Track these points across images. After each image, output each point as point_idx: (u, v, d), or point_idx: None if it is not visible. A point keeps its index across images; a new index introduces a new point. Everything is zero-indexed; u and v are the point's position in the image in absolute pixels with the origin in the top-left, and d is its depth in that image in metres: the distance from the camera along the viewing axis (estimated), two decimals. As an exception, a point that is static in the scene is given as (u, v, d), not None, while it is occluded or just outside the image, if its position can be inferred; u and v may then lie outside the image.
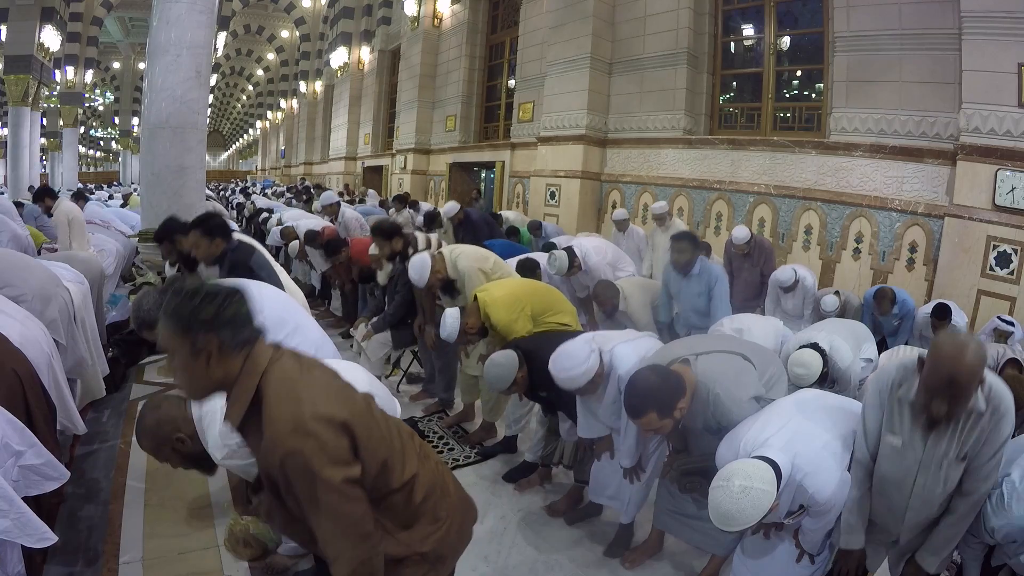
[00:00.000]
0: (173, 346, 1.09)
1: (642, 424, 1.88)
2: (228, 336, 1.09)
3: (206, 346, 1.08)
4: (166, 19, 4.88)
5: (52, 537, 1.71)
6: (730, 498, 1.54)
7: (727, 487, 1.56)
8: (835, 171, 5.70)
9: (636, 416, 1.87)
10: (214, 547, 2.29)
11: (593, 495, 2.59)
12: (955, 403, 1.48)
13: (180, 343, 1.08)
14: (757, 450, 1.66)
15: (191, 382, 1.12)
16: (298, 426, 1.05)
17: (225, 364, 1.10)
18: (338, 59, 17.39)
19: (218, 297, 1.10)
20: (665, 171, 7.38)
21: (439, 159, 12.14)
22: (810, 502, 1.66)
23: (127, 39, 22.79)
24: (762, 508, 1.52)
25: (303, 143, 22.73)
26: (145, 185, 5.34)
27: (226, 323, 1.10)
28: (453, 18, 12.03)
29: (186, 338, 1.08)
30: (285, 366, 1.13)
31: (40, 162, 15.84)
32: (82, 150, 28.26)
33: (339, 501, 1.07)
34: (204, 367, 1.09)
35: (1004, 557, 1.69)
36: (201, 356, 1.08)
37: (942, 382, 1.46)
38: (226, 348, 1.09)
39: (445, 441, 3.43)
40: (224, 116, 41.86)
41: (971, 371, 1.44)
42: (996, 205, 4.52)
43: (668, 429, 1.94)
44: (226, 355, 1.10)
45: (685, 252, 3.72)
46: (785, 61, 6.65)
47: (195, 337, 1.07)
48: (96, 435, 3.19)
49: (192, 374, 1.10)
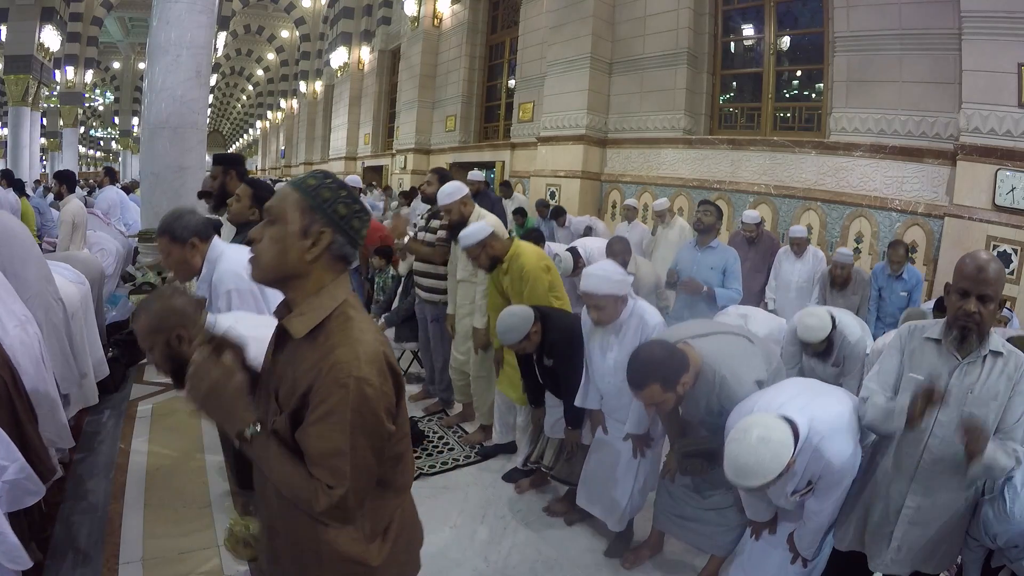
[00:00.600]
0: (286, 214, 1.02)
1: (644, 396, 1.86)
2: (341, 244, 1.04)
3: (319, 237, 1.02)
4: (166, 19, 4.88)
5: (26, 562, 1.68)
6: (748, 449, 1.51)
7: (745, 439, 1.53)
8: (835, 171, 5.70)
9: (638, 387, 1.86)
10: (214, 547, 2.29)
11: (583, 503, 2.54)
12: (984, 298, 1.52)
13: (298, 216, 1.02)
14: (773, 412, 1.64)
15: (274, 257, 1.02)
16: (375, 359, 1.01)
17: (319, 266, 1.04)
18: (338, 59, 17.38)
19: (358, 206, 1.06)
20: (665, 171, 7.38)
21: (439, 159, 12.13)
22: (824, 471, 1.63)
23: (127, 39, 22.78)
24: (780, 461, 1.49)
25: (303, 143, 22.71)
26: (145, 185, 5.34)
27: (349, 231, 1.05)
28: (453, 18, 12.03)
29: (309, 215, 1.02)
30: (359, 309, 1.09)
31: (40, 162, 15.83)
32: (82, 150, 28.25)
33: (367, 442, 1.00)
34: (300, 251, 1.02)
35: (1005, 560, 1.68)
36: (307, 240, 1.02)
37: (971, 273, 1.52)
38: (333, 251, 1.04)
39: (445, 441, 3.43)
40: (224, 116, 41.84)
41: (997, 267, 1.51)
42: (996, 205, 4.51)
43: (670, 405, 1.91)
44: (325, 259, 1.04)
45: (711, 214, 3.84)
46: (785, 61, 6.65)
47: (318, 218, 1.02)
48: (96, 435, 3.19)
49: (284, 250, 1.02)
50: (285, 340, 1.09)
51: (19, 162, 13.09)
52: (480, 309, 3.19)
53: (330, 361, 0.98)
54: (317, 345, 1.02)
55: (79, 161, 21.77)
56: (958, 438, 1.49)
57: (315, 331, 1.03)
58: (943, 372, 1.60)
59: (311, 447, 0.99)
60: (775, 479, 1.51)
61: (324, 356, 0.99)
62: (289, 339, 1.07)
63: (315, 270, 1.04)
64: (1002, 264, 1.58)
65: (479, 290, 3.19)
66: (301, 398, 1.00)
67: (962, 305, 1.54)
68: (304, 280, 1.04)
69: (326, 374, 0.97)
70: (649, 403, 1.90)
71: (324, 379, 0.97)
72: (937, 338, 1.64)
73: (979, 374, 1.57)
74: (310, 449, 1.00)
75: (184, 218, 2.07)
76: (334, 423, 0.97)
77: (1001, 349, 1.57)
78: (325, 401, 0.97)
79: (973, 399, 1.55)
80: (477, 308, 3.21)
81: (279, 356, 1.10)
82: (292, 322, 1.04)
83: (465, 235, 2.85)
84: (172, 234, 2.05)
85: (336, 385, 0.97)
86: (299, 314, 1.04)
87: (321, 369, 0.98)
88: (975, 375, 1.57)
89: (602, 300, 2.22)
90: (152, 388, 3.95)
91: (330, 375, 0.97)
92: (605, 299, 2.22)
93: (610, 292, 2.21)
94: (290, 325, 1.04)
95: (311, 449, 1.00)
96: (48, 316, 2.52)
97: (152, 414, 3.52)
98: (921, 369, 1.64)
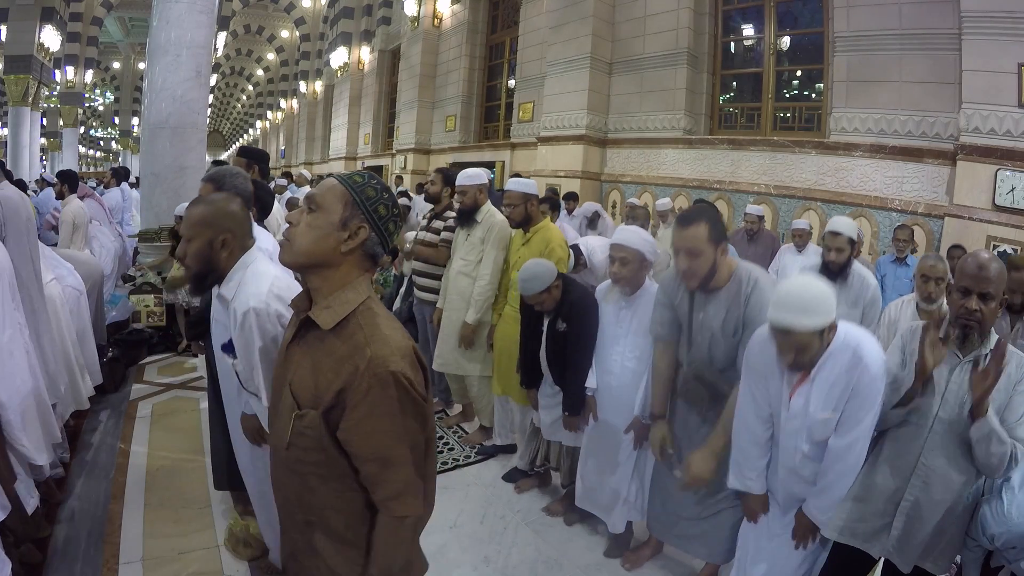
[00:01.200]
0: (329, 204, 1.05)
1: (688, 235, 1.86)
2: (375, 242, 1.07)
3: (357, 231, 1.05)
4: (166, 19, 4.89)
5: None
6: (800, 287, 1.57)
7: (794, 282, 1.60)
8: (835, 171, 5.70)
9: (687, 223, 1.87)
10: (214, 547, 2.29)
11: (582, 502, 2.54)
12: (985, 296, 1.52)
13: (340, 207, 1.05)
14: None
15: (311, 242, 1.04)
16: (406, 353, 1.03)
17: (350, 260, 1.06)
18: (338, 59, 17.37)
19: (396, 211, 1.09)
20: (665, 171, 7.38)
21: (439, 159, 12.12)
22: (858, 383, 1.59)
23: (127, 39, 22.76)
24: (830, 303, 1.54)
25: (303, 143, 22.70)
26: (145, 185, 5.35)
27: (384, 231, 1.08)
28: (453, 18, 12.03)
29: (351, 208, 1.05)
30: (381, 306, 1.11)
31: (40, 162, 15.82)
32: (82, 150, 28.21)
33: (416, 425, 1.04)
34: (336, 241, 1.04)
35: (1004, 561, 1.68)
36: (344, 232, 1.04)
37: (973, 271, 1.53)
38: (366, 247, 1.07)
39: (445, 441, 3.43)
40: (224, 116, 41.82)
41: (998, 266, 1.52)
42: (996, 205, 4.52)
43: (704, 265, 1.88)
44: (358, 254, 1.07)
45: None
46: (785, 61, 6.65)
47: (359, 213, 1.05)
48: (96, 435, 3.19)
49: (321, 237, 1.04)
50: (304, 331, 1.10)
51: (19, 162, 13.07)
52: (475, 305, 3.16)
53: (366, 357, 1.00)
54: (343, 339, 1.04)
55: (79, 161, 21.74)
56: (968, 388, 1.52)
57: (340, 324, 1.05)
58: (944, 370, 1.61)
59: (360, 446, 1.02)
60: (821, 329, 1.54)
61: (356, 352, 1.01)
62: (309, 331, 1.09)
63: (346, 263, 1.06)
64: (1003, 264, 1.58)
65: (478, 285, 3.17)
66: (336, 396, 1.01)
67: (964, 303, 1.55)
68: (333, 271, 1.06)
69: (364, 371, 0.99)
70: (689, 252, 1.87)
71: (362, 376, 0.99)
72: (939, 337, 1.64)
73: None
74: (360, 448, 1.02)
75: (236, 178, 2.05)
76: (380, 417, 1.00)
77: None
78: (367, 398, 0.99)
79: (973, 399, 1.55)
80: (473, 303, 3.17)
81: (296, 346, 1.12)
82: (320, 314, 1.06)
83: (516, 182, 3.02)
84: (219, 184, 2.02)
85: (376, 381, 0.99)
86: (326, 307, 1.06)
87: (357, 366, 1.00)
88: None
89: (631, 254, 2.23)
90: (152, 388, 3.96)
91: (368, 371, 0.99)
92: (634, 254, 2.23)
93: (640, 248, 2.23)
94: (318, 317, 1.06)
95: (361, 448, 1.02)
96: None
97: (152, 414, 3.52)
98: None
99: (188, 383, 4.08)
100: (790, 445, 1.74)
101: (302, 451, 1.06)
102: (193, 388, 3.99)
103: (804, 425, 1.69)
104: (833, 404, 1.63)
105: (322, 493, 1.07)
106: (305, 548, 1.13)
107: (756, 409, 1.80)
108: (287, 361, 1.13)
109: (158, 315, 4.87)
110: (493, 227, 3.19)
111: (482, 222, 3.22)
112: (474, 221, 3.24)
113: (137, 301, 4.85)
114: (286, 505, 1.16)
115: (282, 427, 1.10)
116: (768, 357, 1.72)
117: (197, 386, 4.00)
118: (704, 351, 2.02)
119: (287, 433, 1.07)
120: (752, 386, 1.80)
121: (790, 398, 1.71)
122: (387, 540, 1.06)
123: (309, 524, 1.11)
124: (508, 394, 3.11)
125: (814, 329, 1.54)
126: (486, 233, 3.19)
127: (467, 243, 3.25)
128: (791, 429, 1.71)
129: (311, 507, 1.09)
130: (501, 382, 3.13)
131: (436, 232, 3.55)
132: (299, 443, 1.06)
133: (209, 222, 1.56)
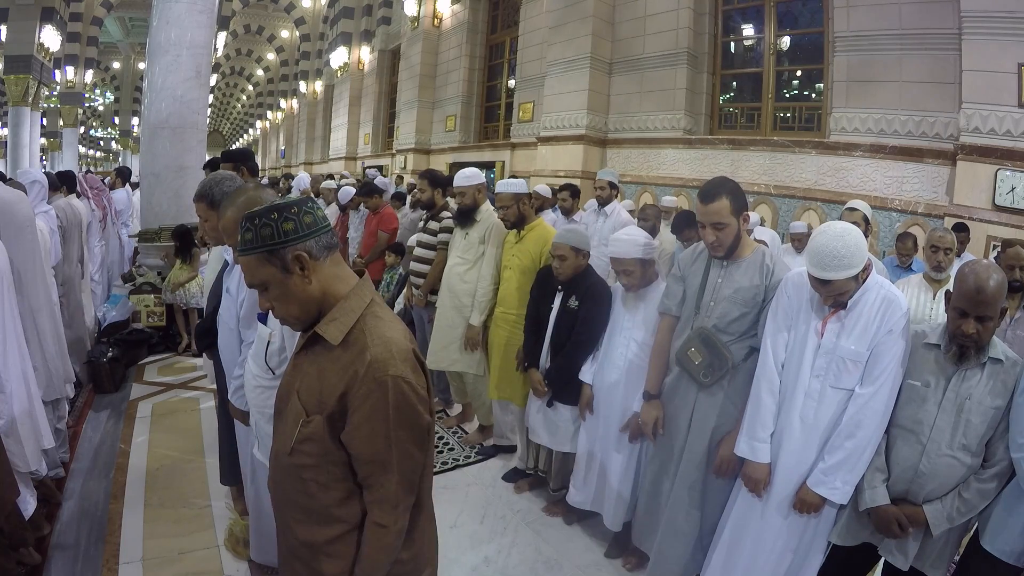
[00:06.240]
0: (267, 275, 1.05)
1: (711, 211, 1.89)
2: (313, 244, 1.06)
3: (296, 262, 1.04)
4: (166, 19, 4.89)
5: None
6: (834, 236, 1.60)
7: (828, 230, 1.63)
8: (835, 171, 5.69)
9: (709, 199, 1.89)
10: (214, 547, 2.30)
11: (573, 500, 2.56)
12: (983, 318, 1.52)
13: (269, 268, 1.05)
14: None
15: (294, 307, 1.08)
16: (407, 357, 1.05)
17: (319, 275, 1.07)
18: (338, 59, 17.37)
19: (290, 209, 1.07)
20: (665, 171, 7.38)
21: (439, 159, 12.12)
22: (891, 318, 1.66)
23: (127, 39, 22.75)
24: (863, 248, 1.59)
25: (303, 143, 22.70)
26: (145, 185, 5.35)
27: (303, 231, 1.05)
28: (453, 18, 12.03)
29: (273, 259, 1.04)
30: (384, 308, 1.12)
31: (40, 162, 15.82)
32: (82, 150, 28.18)
33: (409, 435, 1.05)
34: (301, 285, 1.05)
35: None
36: (293, 274, 1.04)
37: (970, 294, 1.52)
38: (315, 254, 1.06)
39: (445, 441, 3.43)
40: (224, 116, 41.80)
41: (995, 285, 1.51)
42: (996, 205, 4.51)
43: (728, 235, 1.91)
44: (320, 268, 1.07)
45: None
46: (785, 61, 6.64)
47: (279, 252, 1.03)
48: (96, 435, 3.19)
49: (290, 296, 1.06)
50: (312, 343, 1.12)
51: (19, 162, 13.06)
52: (478, 307, 3.15)
53: (366, 361, 1.01)
54: (348, 345, 1.05)
55: (79, 161, 21.74)
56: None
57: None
58: (941, 379, 1.62)
59: (359, 449, 1.04)
60: (857, 273, 1.59)
61: (358, 356, 1.02)
62: (317, 343, 1.10)
63: (322, 282, 1.07)
64: (1004, 275, 1.56)
65: (480, 286, 3.16)
66: (339, 400, 1.03)
67: (961, 325, 1.55)
68: (324, 295, 1.08)
69: (364, 375, 1.00)
70: (714, 224, 1.90)
71: (362, 380, 1.00)
72: (936, 343, 1.65)
73: (977, 381, 1.57)
74: (359, 451, 1.04)
75: (224, 184, 2.03)
76: (379, 421, 1.01)
77: (1001, 356, 1.57)
78: (366, 402, 1.01)
79: (971, 405, 1.56)
80: (476, 304, 3.16)
81: (304, 356, 1.13)
82: (328, 329, 1.07)
83: (505, 184, 3.01)
84: (210, 199, 1.99)
85: (376, 385, 1.00)
86: (332, 319, 1.07)
87: (358, 371, 1.01)
88: (973, 382, 1.58)
89: (630, 264, 2.31)
90: (152, 388, 3.96)
91: (368, 375, 1.00)
92: (633, 263, 2.31)
93: (637, 256, 2.30)
94: (326, 332, 1.07)
95: (360, 451, 1.04)
96: None
97: (152, 414, 3.52)
98: (920, 375, 1.66)
99: (188, 383, 4.08)
100: (814, 388, 1.75)
101: (305, 456, 1.07)
102: (193, 388, 3.99)
103: (832, 363, 1.72)
104: (866, 341, 1.68)
105: (320, 499, 1.08)
106: (300, 552, 1.14)
107: (776, 357, 1.83)
108: (295, 370, 1.15)
109: (158, 315, 4.87)
110: (492, 227, 3.19)
111: (481, 221, 3.22)
112: (473, 220, 3.24)
113: (137, 301, 4.86)
114: (283, 508, 1.16)
115: (287, 433, 1.11)
116: (799, 300, 1.80)
117: (197, 386, 4.00)
118: (713, 317, 1.99)
119: (291, 439, 1.08)
120: (775, 333, 1.84)
121: (821, 335, 1.74)
122: (372, 545, 1.07)
123: (306, 530, 1.12)
124: (506, 399, 3.09)
125: (852, 276, 1.62)
126: (485, 232, 3.20)
127: (465, 242, 3.25)
128: (819, 367, 1.74)
129: (309, 512, 1.10)
130: (499, 387, 3.09)
131: (433, 233, 3.56)
132: (303, 448, 1.07)
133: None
